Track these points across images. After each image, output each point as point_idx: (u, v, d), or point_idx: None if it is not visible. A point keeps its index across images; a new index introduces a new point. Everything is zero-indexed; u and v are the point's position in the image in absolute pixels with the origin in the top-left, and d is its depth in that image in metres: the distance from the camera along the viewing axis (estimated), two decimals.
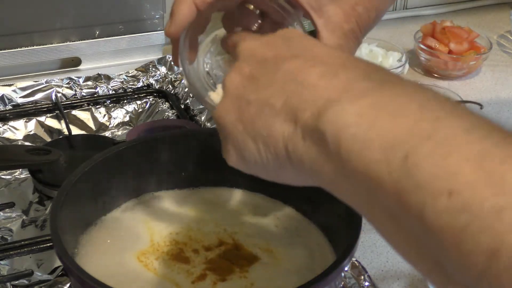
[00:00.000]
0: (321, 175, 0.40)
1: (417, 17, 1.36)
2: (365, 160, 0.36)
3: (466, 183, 0.32)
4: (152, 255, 0.63)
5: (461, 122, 0.35)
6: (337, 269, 0.55)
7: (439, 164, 0.33)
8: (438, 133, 0.34)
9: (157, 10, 1.11)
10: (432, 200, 0.33)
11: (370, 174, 0.36)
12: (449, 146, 0.34)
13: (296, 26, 0.59)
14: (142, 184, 0.71)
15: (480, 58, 1.13)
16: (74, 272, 0.53)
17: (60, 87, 1.01)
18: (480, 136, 0.34)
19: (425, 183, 0.33)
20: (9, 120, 0.96)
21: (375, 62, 1.09)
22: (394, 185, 0.35)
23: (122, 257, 0.63)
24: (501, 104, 1.08)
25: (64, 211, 0.60)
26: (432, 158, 0.33)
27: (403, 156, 0.34)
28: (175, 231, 0.66)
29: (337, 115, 0.38)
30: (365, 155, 0.36)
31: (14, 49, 1.05)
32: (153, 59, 1.09)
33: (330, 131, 0.38)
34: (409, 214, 0.34)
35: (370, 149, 0.36)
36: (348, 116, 0.37)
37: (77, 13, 1.07)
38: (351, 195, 0.40)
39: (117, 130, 0.99)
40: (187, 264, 0.62)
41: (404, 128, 0.35)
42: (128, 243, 0.65)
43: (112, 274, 0.61)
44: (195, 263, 0.62)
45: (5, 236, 0.76)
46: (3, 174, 0.87)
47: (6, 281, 0.69)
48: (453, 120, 0.35)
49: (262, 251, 0.64)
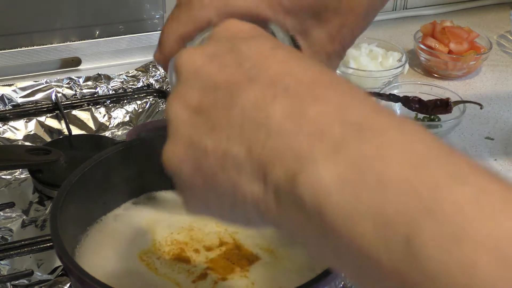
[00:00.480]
0: (304, 240, 0.35)
1: (417, 17, 1.36)
2: (356, 236, 0.30)
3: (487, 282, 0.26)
4: (154, 254, 0.63)
5: (468, 189, 0.28)
6: None
7: (451, 252, 0.27)
8: (442, 206, 0.28)
9: (157, 10, 1.11)
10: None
11: (364, 253, 0.30)
12: (458, 226, 0.27)
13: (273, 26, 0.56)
14: (142, 184, 0.70)
15: (480, 58, 1.13)
16: (74, 272, 0.53)
17: (60, 87, 1.01)
18: (495, 208, 0.27)
19: (436, 275, 0.27)
20: (9, 120, 0.96)
21: (375, 62, 1.09)
22: (396, 271, 0.29)
23: (123, 257, 0.63)
24: (501, 104, 1.08)
25: (64, 211, 0.60)
26: (440, 244, 0.27)
27: (403, 238, 0.28)
28: (177, 231, 0.66)
29: (313, 179, 0.31)
30: (355, 231, 0.30)
31: (14, 49, 1.05)
32: (153, 59, 1.09)
33: (309, 198, 0.31)
34: None
35: (360, 225, 0.29)
36: (326, 179, 0.31)
37: (77, 13, 1.07)
38: (343, 267, 0.33)
39: (117, 130, 0.99)
40: (187, 264, 0.62)
41: (397, 200, 0.29)
42: (129, 242, 0.65)
43: (113, 273, 0.61)
44: (196, 263, 0.62)
45: (5, 236, 0.76)
46: (3, 174, 0.87)
47: (6, 281, 0.69)
48: (458, 188, 0.28)
49: (263, 251, 0.64)
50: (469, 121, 1.02)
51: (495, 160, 0.94)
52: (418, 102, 0.96)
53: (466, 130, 1.00)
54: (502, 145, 0.97)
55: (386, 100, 0.97)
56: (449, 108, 0.95)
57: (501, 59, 1.22)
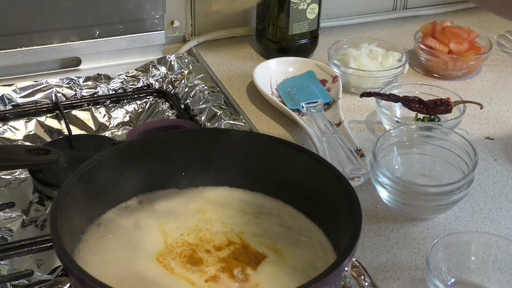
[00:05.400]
0: None
1: (417, 17, 1.36)
2: None
3: None
4: (168, 256, 0.64)
5: None
6: (337, 269, 0.55)
7: None
8: None
9: (157, 10, 1.12)
10: None
11: None
12: None
13: None
14: (142, 183, 0.71)
15: (480, 58, 1.13)
16: (74, 272, 0.53)
17: (60, 87, 1.01)
18: None
19: None
20: (9, 120, 0.96)
21: (375, 62, 1.09)
22: None
23: (126, 257, 0.63)
24: (501, 104, 1.08)
25: (64, 211, 0.60)
26: None
27: None
28: (186, 232, 0.67)
29: None
30: None
31: (14, 49, 1.05)
32: (153, 59, 1.09)
33: None
34: None
35: None
36: None
37: (77, 13, 1.07)
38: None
39: (117, 130, 0.99)
40: (200, 264, 0.63)
41: None
42: (132, 243, 0.65)
43: (113, 273, 0.61)
44: (208, 263, 0.63)
45: (5, 236, 0.76)
46: (3, 174, 0.87)
47: (6, 281, 0.69)
48: None
49: (269, 249, 0.65)
50: (469, 121, 1.02)
51: (495, 160, 0.94)
52: (418, 102, 0.96)
53: (466, 130, 1.00)
54: (502, 145, 0.97)
55: (386, 100, 0.97)
56: (449, 108, 0.95)
57: (501, 59, 1.22)
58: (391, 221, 0.82)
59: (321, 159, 0.69)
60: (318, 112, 0.98)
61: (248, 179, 0.72)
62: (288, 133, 0.98)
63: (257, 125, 0.99)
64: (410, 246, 0.78)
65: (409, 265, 0.76)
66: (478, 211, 0.84)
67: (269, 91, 1.04)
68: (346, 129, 0.94)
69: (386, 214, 0.83)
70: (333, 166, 0.67)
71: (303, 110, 0.99)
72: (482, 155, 0.94)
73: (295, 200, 0.70)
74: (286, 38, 1.14)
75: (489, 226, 0.82)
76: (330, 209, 0.65)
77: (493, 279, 0.72)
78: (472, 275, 0.73)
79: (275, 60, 1.10)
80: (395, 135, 0.88)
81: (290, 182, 0.70)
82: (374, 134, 0.99)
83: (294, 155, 0.69)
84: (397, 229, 0.81)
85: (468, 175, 0.80)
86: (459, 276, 0.73)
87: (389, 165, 0.86)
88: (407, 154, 0.89)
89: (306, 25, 1.14)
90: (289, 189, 0.70)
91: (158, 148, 0.70)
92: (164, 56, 1.10)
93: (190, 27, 1.22)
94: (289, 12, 1.11)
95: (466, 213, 0.84)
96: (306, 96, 1.02)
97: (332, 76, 1.06)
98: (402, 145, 0.88)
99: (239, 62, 1.17)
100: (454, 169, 0.85)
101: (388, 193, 0.81)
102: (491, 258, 0.73)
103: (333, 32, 1.28)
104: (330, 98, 1.02)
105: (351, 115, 1.03)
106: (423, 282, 0.73)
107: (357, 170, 0.86)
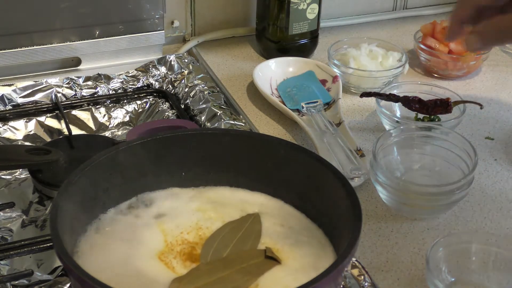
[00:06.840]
0: None
1: (417, 17, 1.36)
2: None
3: None
4: (169, 254, 0.64)
5: None
6: (337, 269, 0.55)
7: None
8: None
9: (157, 10, 1.12)
10: None
11: None
12: None
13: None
14: (142, 183, 0.71)
15: (480, 58, 1.13)
16: (74, 272, 0.53)
17: (60, 87, 1.01)
18: None
19: None
20: (9, 120, 0.96)
21: (375, 62, 1.09)
22: None
23: (124, 256, 0.63)
24: (501, 104, 1.08)
25: (64, 211, 0.60)
26: None
27: None
28: (186, 230, 0.67)
29: None
30: None
31: (14, 49, 1.05)
32: (153, 59, 1.10)
33: None
34: None
35: None
36: None
37: (77, 13, 1.07)
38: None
39: (117, 130, 0.99)
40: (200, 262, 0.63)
41: None
42: (130, 241, 0.65)
43: (114, 273, 0.61)
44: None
45: (5, 236, 0.76)
46: (3, 174, 0.87)
47: (6, 281, 0.69)
48: None
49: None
50: (469, 121, 1.02)
51: (495, 160, 0.94)
52: (418, 102, 0.96)
53: (466, 130, 1.00)
54: (502, 145, 0.97)
55: (386, 100, 0.97)
56: (449, 108, 0.95)
57: (501, 59, 1.22)
58: (391, 221, 0.82)
59: (321, 159, 0.69)
60: (318, 112, 0.98)
61: (248, 179, 0.72)
62: (288, 133, 0.98)
63: (257, 125, 0.99)
64: (410, 246, 0.78)
65: (409, 265, 0.76)
66: (478, 211, 0.84)
67: (269, 91, 1.04)
68: (346, 129, 0.94)
69: (386, 214, 0.83)
70: (333, 166, 0.67)
71: (303, 110, 0.99)
72: (482, 155, 0.94)
73: (295, 200, 0.70)
74: (286, 38, 1.14)
75: (489, 226, 0.82)
76: (330, 209, 0.65)
77: (493, 279, 0.72)
78: (472, 275, 0.73)
79: (275, 60, 1.10)
80: (395, 135, 0.88)
81: (290, 182, 0.70)
82: (374, 134, 0.99)
83: (294, 155, 0.69)
84: (397, 229, 0.81)
85: (468, 175, 0.80)
86: (459, 276, 0.73)
87: (389, 165, 0.86)
88: (407, 154, 0.89)
89: (306, 25, 1.14)
90: (289, 189, 0.70)
91: (158, 148, 0.70)
92: (164, 56, 1.10)
93: (190, 27, 1.22)
94: (289, 12, 1.11)
95: (466, 213, 0.84)
96: (306, 96, 1.02)
97: (332, 76, 1.06)
98: (402, 145, 0.88)
99: (239, 62, 1.17)
100: (454, 169, 0.85)
101: (388, 193, 0.81)
102: (491, 258, 0.73)
103: (333, 32, 1.28)
104: (330, 98, 1.02)
105: (351, 115, 1.03)
106: (423, 282, 0.73)
107: (357, 170, 0.86)
